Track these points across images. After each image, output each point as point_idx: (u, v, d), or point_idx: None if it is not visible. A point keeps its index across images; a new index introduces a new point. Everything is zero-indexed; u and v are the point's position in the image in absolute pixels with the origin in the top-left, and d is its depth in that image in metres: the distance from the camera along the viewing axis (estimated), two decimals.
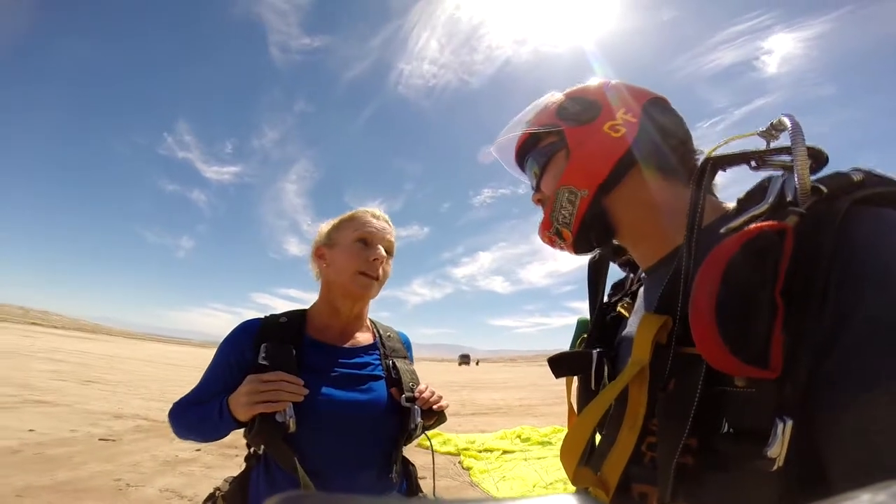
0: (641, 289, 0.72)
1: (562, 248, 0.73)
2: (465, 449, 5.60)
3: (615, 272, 0.82)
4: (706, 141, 0.66)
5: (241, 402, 0.96)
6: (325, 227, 1.25)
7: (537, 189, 0.74)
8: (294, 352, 1.06)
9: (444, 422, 1.17)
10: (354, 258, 1.13)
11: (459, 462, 5.18)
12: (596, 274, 0.79)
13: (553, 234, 0.71)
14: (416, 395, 1.12)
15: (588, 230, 0.68)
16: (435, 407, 1.13)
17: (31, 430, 5.35)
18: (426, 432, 1.16)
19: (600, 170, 0.64)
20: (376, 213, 1.23)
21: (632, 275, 0.80)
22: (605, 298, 0.80)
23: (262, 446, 1.03)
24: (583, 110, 0.68)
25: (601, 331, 0.75)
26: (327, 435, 1.02)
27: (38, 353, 16.95)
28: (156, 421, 6.68)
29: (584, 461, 0.60)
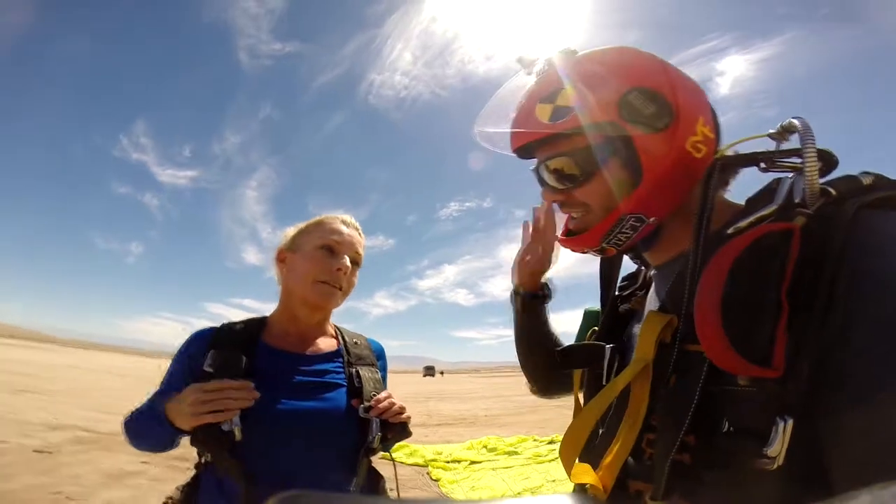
0: (652, 287, 0.70)
1: (584, 253, 0.66)
2: (433, 460, 5.53)
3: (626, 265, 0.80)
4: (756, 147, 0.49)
5: (185, 412, 0.89)
6: (291, 230, 1.17)
7: (563, 190, 0.62)
8: (244, 359, 0.99)
9: (408, 436, 1.08)
10: (317, 265, 1.06)
11: (428, 473, 5.10)
12: (609, 268, 0.76)
13: (594, 250, 0.64)
14: (373, 404, 1.02)
15: (634, 248, 0.65)
16: (391, 420, 1.03)
17: None
18: (391, 446, 1.07)
19: (676, 199, 0.57)
20: (347, 219, 1.16)
21: (643, 268, 0.77)
22: (617, 291, 0.77)
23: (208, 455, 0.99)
24: (658, 112, 0.55)
25: (613, 323, 0.72)
26: (280, 444, 0.96)
27: None
28: (98, 433, 6.19)
29: (585, 456, 0.59)
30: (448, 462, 5.44)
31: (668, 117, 0.55)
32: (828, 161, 0.49)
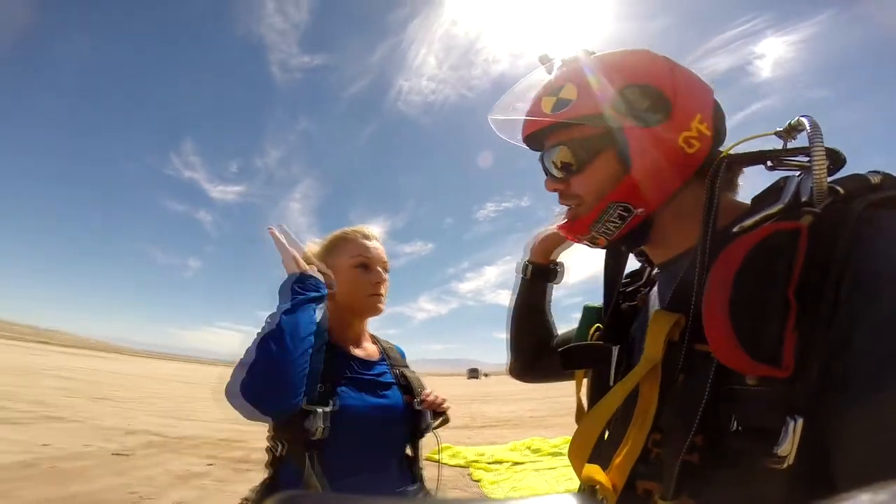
0: (655, 286, 0.70)
1: (583, 244, 0.69)
2: (475, 461, 5.55)
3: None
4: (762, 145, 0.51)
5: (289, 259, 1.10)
6: (313, 247, 1.29)
7: (561, 180, 0.64)
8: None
9: (447, 422, 1.29)
10: (359, 284, 1.20)
11: (469, 474, 5.14)
12: (614, 265, 0.75)
13: (585, 238, 0.66)
14: (423, 397, 1.22)
15: (625, 240, 0.64)
16: (439, 409, 1.25)
17: (45, 445, 5.41)
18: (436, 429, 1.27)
19: (665, 191, 0.58)
20: (367, 232, 1.27)
21: (647, 266, 0.77)
22: (622, 287, 0.76)
23: (284, 447, 1.04)
24: (652, 107, 0.57)
25: (616, 321, 0.71)
26: (356, 436, 1.07)
27: (47, 371, 17.07)
28: (167, 437, 6.74)
29: (592, 458, 0.58)
30: (490, 463, 5.46)
31: (662, 113, 0.56)
32: (835, 160, 0.48)
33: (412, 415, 1.20)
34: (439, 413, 1.26)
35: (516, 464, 5.49)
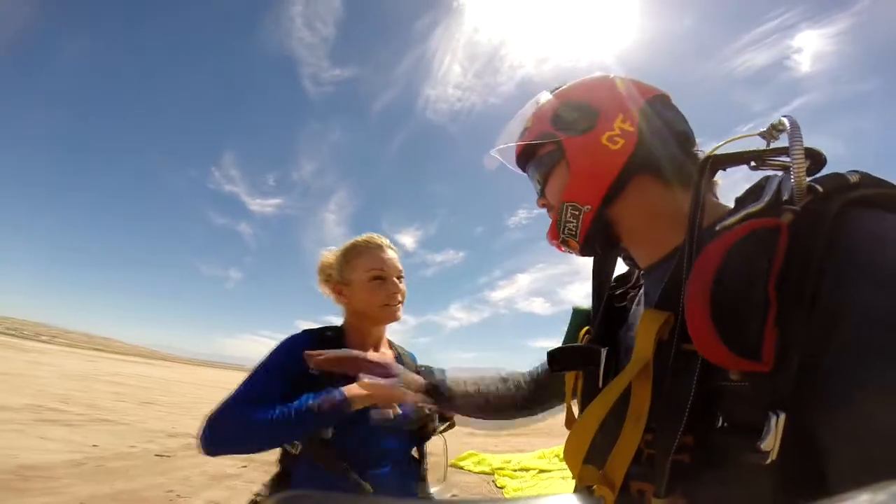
0: (642, 289, 0.72)
1: (570, 253, 0.73)
2: (500, 468, 5.51)
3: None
4: (748, 146, 0.63)
5: (364, 397, 1.00)
6: (331, 257, 1.36)
7: (542, 195, 0.73)
8: None
9: (454, 426, 1.32)
10: (376, 296, 1.25)
11: (493, 481, 5.11)
12: (602, 268, 0.77)
13: (561, 242, 0.71)
14: None
15: (593, 240, 0.68)
16: (447, 414, 1.27)
17: (94, 446, 5.76)
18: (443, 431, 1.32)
19: (601, 185, 0.63)
20: (380, 242, 1.32)
21: (635, 269, 0.78)
22: (611, 290, 0.78)
23: (298, 446, 1.11)
24: (580, 118, 0.65)
25: (606, 324, 0.73)
26: (369, 435, 1.13)
27: (101, 377, 18.09)
28: None
29: (586, 459, 0.59)
30: (516, 470, 5.42)
31: (588, 120, 0.64)
32: (816, 159, 0.50)
33: (420, 418, 1.24)
34: (446, 418, 1.29)
35: (543, 471, 5.41)
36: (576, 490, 0.64)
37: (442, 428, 1.30)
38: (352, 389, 1.00)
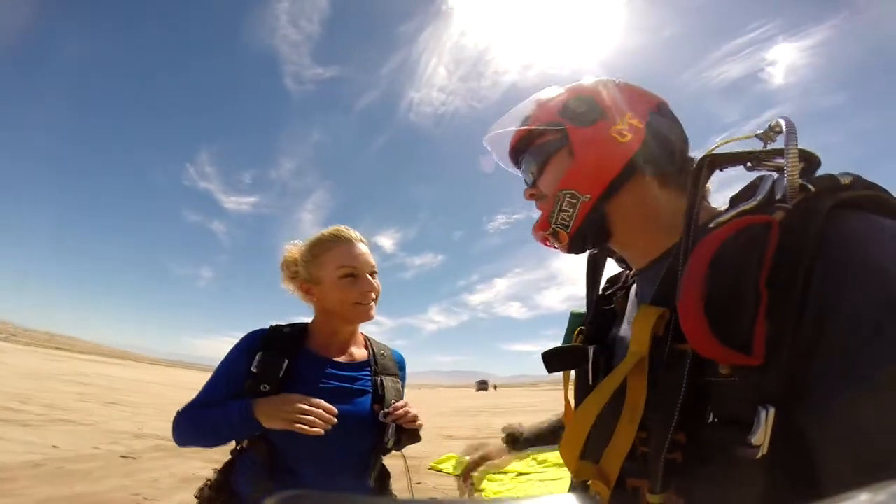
0: (633, 289, 0.73)
1: (555, 248, 0.73)
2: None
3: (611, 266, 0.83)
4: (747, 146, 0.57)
5: (275, 415, 1.03)
6: (296, 252, 1.28)
7: (532, 185, 0.73)
8: (286, 363, 1.12)
9: (418, 440, 1.24)
10: (348, 294, 1.17)
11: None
12: (594, 269, 0.79)
13: (549, 234, 0.70)
14: (391, 410, 1.17)
15: (585, 233, 0.68)
16: (405, 425, 1.18)
17: (54, 447, 5.47)
18: (402, 447, 1.22)
19: (605, 175, 0.63)
20: (349, 235, 1.23)
21: (627, 271, 0.80)
22: (601, 292, 0.80)
23: (246, 441, 1.15)
24: (588, 110, 0.66)
25: (598, 324, 0.75)
26: (308, 440, 1.05)
27: (63, 376, 17.35)
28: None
29: (582, 454, 0.60)
30: (494, 473, 5.41)
31: (598, 113, 0.65)
32: (810, 161, 0.51)
33: (377, 425, 1.17)
34: (407, 430, 1.19)
35: (521, 474, 5.41)
36: (573, 483, 0.67)
37: (404, 442, 1.19)
38: (261, 409, 1.05)
